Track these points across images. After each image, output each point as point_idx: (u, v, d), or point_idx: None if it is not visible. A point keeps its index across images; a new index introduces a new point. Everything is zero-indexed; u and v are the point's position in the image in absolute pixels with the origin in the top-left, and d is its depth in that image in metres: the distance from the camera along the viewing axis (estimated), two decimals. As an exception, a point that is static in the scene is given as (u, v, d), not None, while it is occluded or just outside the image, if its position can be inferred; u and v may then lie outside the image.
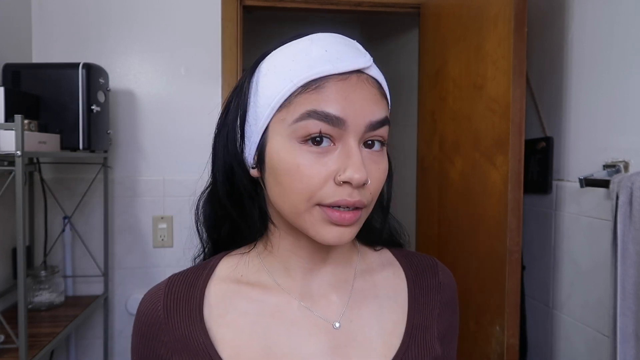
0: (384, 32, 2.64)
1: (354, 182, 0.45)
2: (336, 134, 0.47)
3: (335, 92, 0.47)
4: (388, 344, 0.54)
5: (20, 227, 1.14)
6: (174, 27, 1.79)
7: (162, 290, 0.56)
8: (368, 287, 0.58)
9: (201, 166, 0.69)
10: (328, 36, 0.51)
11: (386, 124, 0.50)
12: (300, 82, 0.47)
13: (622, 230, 1.08)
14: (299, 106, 0.47)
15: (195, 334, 0.53)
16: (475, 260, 1.47)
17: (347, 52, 0.49)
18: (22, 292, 1.15)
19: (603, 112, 1.30)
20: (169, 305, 0.54)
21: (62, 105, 1.45)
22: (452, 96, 1.62)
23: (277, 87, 0.49)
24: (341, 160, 0.47)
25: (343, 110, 0.46)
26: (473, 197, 1.49)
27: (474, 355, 1.46)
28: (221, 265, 0.58)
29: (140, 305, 0.57)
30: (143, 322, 0.55)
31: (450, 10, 1.65)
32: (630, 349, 1.06)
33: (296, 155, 0.47)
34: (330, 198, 0.46)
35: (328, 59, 0.48)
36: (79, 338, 1.79)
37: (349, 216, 0.47)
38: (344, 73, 0.48)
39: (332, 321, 0.54)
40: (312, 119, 0.46)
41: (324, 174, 0.47)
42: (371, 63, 0.50)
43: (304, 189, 0.47)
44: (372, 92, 0.49)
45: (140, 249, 1.80)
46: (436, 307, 0.59)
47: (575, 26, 1.42)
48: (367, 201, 0.49)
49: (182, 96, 1.80)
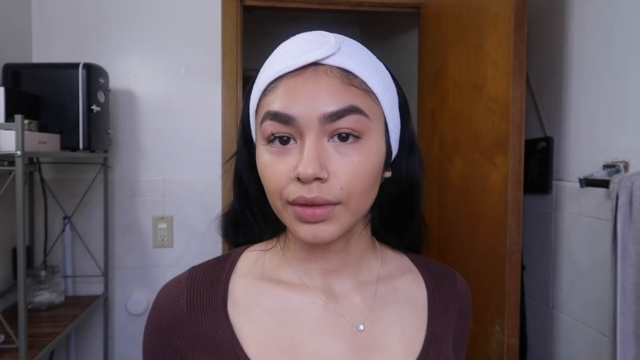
0: (384, 32, 2.64)
1: (302, 178, 0.45)
2: (293, 132, 0.47)
3: (285, 90, 0.47)
4: (408, 349, 0.54)
5: (20, 227, 1.14)
6: (174, 27, 1.79)
7: (184, 283, 0.55)
8: (389, 292, 0.58)
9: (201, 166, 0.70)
10: (298, 36, 0.51)
11: (352, 113, 0.46)
12: (262, 87, 0.49)
13: (622, 230, 1.08)
14: (261, 110, 0.49)
15: (220, 329, 0.52)
16: (475, 260, 1.47)
17: (303, 48, 0.48)
18: (22, 292, 1.15)
19: (603, 112, 1.30)
20: (192, 299, 0.53)
21: (62, 105, 1.45)
22: (452, 96, 1.62)
23: (253, 95, 0.52)
24: (299, 156, 0.46)
25: (290, 107, 0.46)
26: (473, 197, 1.49)
27: (474, 355, 1.46)
28: (242, 260, 0.58)
29: (158, 299, 0.55)
30: (163, 315, 0.54)
31: (450, 10, 1.65)
32: (630, 349, 1.06)
33: (264, 156, 0.49)
34: (292, 195, 0.46)
35: (283, 59, 0.48)
36: (79, 338, 1.79)
37: (314, 212, 0.46)
38: (297, 69, 0.47)
39: (357, 323, 0.54)
40: (267, 120, 0.47)
41: (285, 172, 0.47)
42: (333, 51, 0.47)
43: (272, 187, 0.48)
44: (330, 82, 0.46)
45: (140, 249, 1.80)
46: (454, 316, 0.60)
47: (575, 26, 1.42)
48: (336, 197, 0.46)
49: (182, 96, 1.81)
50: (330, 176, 0.46)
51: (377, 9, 1.92)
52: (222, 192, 1.82)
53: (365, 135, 0.47)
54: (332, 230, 0.47)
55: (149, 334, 0.55)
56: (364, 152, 0.47)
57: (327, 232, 0.47)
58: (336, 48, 0.47)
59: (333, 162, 0.46)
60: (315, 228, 0.47)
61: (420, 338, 0.56)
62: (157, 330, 0.54)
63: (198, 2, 1.80)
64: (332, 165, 0.46)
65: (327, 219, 0.47)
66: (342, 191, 0.46)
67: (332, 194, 0.46)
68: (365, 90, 0.48)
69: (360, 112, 0.47)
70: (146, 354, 0.56)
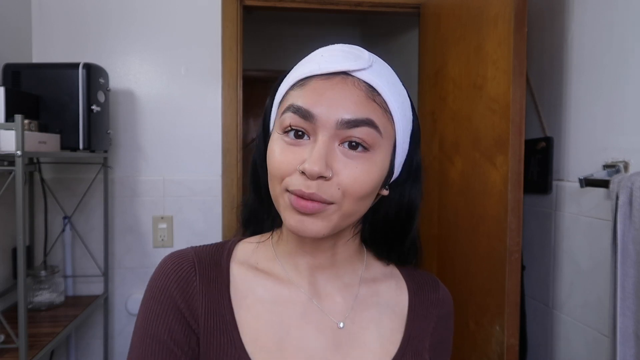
0: (384, 32, 2.64)
1: (307, 173, 0.47)
2: (309, 128, 0.49)
3: (314, 88, 0.50)
4: (385, 349, 0.57)
5: (20, 227, 1.14)
6: (174, 27, 1.79)
7: (192, 259, 0.57)
8: (370, 294, 0.60)
9: (201, 166, 0.71)
10: (337, 45, 0.54)
11: (366, 126, 0.48)
12: (292, 81, 0.52)
13: (622, 230, 1.08)
14: (285, 102, 0.52)
15: (223, 310, 0.54)
16: (475, 260, 1.47)
17: (339, 57, 0.51)
18: (22, 292, 1.15)
19: (603, 112, 1.30)
20: (202, 274, 0.56)
21: (62, 105, 1.45)
22: (452, 96, 1.62)
23: (282, 88, 0.55)
24: (308, 152, 0.48)
25: (314, 105, 0.49)
26: (473, 197, 1.49)
27: (474, 355, 1.46)
28: (238, 249, 0.60)
29: (166, 265, 0.56)
30: (173, 278, 0.55)
31: (450, 10, 1.65)
32: (630, 349, 1.06)
33: (276, 143, 0.51)
34: (292, 185, 0.49)
35: (317, 61, 0.51)
36: (79, 338, 1.79)
37: (306, 204, 0.48)
38: (328, 74, 0.50)
39: (337, 321, 0.56)
40: (289, 112, 0.50)
41: (292, 162, 0.49)
42: (364, 67, 0.50)
43: (276, 172, 0.50)
44: (355, 93, 0.49)
45: (140, 249, 1.80)
46: (433, 320, 0.62)
47: (575, 26, 1.42)
48: (332, 197, 0.48)
49: (182, 96, 1.81)
50: (333, 176, 0.48)
51: (377, 9, 1.92)
52: (222, 192, 1.82)
53: (373, 149, 0.50)
54: (320, 226, 0.50)
55: (152, 291, 0.55)
56: (369, 163, 0.50)
57: (315, 226, 0.49)
58: (368, 65, 0.50)
59: (339, 163, 0.49)
60: (305, 220, 0.49)
61: (397, 339, 0.58)
62: (163, 290, 0.54)
63: (198, 2, 1.80)
64: (337, 166, 0.49)
65: (316, 214, 0.49)
66: (339, 191, 0.49)
67: (329, 194, 0.48)
68: (384, 109, 0.51)
69: (375, 127, 0.49)
70: (145, 315, 0.55)
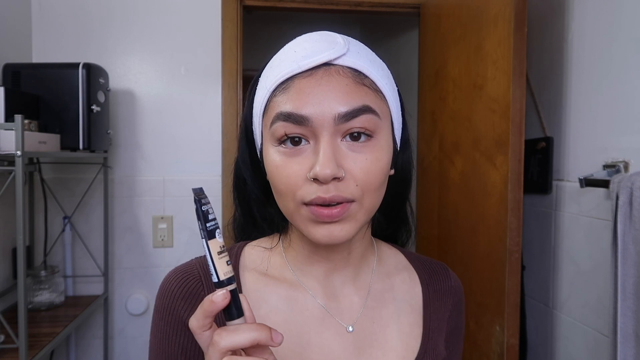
0: (384, 32, 2.64)
1: (320, 178, 0.45)
2: (307, 132, 0.47)
3: (298, 90, 0.47)
4: (406, 345, 0.55)
5: (20, 227, 1.14)
6: (174, 27, 1.79)
7: (197, 271, 0.54)
8: (386, 290, 0.58)
9: (201, 166, 0.70)
10: (304, 36, 0.51)
11: (364, 113, 0.47)
12: (271, 87, 0.49)
13: (622, 230, 1.08)
14: (271, 111, 0.49)
15: None
16: (475, 260, 1.47)
17: (314, 48, 0.48)
18: (22, 292, 1.15)
19: (603, 112, 1.30)
20: (210, 286, 0.53)
21: (62, 105, 1.45)
22: (452, 96, 1.62)
23: (259, 96, 0.51)
24: (313, 157, 0.46)
25: (304, 107, 0.46)
26: (473, 197, 1.49)
27: (474, 355, 1.46)
28: (245, 255, 0.58)
29: (170, 282, 0.54)
30: (179, 296, 0.52)
31: (450, 10, 1.65)
32: (630, 349, 1.06)
33: (275, 157, 0.48)
34: (309, 196, 0.46)
35: (294, 59, 0.48)
36: (79, 338, 1.79)
37: (331, 212, 0.46)
38: (309, 69, 0.47)
39: (354, 323, 0.55)
40: (279, 121, 0.47)
41: (299, 173, 0.47)
42: (343, 52, 0.47)
43: (285, 189, 0.48)
44: (343, 82, 0.47)
45: (140, 249, 1.80)
46: (448, 309, 0.61)
47: (575, 26, 1.42)
48: (352, 194, 0.47)
49: (182, 96, 1.81)
50: (346, 174, 0.46)
51: (377, 9, 1.92)
52: (222, 192, 1.82)
53: (376, 134, 0.48)
54: (348, 230, 0.48)
55: (160, 313, 0.53)
56: (376, 150, 0.48)
57: (343, 232, 0.47)
58: (346, 49, 0.48)
59: (348, 160, 0.47)
60: (332, 228, 0.47)
61: (417, 334, 0.57)
62: (171, 310, 0.52)
63: (198, 2, 1.80)
64: (347, 164, 0.46)
65: (343, 219, 0.47)
66: (358, 188, 0.47)
67: (348, 192, 0.46)
68: (375, 90, 0.49)
69: (372, 112, 0.47)
70: (157, 337, 0.53)
